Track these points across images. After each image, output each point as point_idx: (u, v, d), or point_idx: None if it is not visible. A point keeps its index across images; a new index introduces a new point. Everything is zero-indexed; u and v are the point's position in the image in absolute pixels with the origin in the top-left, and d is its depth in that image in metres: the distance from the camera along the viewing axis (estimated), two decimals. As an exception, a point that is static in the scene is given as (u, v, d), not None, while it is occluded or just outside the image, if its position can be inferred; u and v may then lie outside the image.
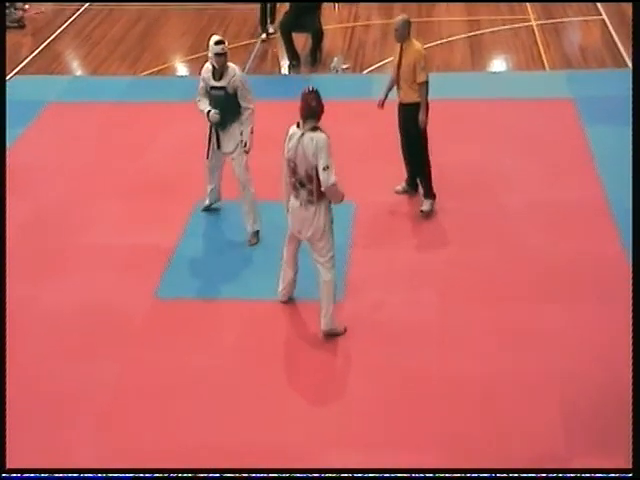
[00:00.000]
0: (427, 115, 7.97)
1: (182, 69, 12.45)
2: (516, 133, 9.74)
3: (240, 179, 7.85)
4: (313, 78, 11.73)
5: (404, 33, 7.88)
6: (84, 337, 6.99)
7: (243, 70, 11.85)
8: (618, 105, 10.08)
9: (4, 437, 5.09)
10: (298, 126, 6.43)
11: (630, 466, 4.74)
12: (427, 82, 7.96)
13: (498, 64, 12.01)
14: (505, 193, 8.62)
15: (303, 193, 6.46)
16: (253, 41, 12.79)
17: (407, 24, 7.88)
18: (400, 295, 7.29)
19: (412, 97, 7.98)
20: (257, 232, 8.00)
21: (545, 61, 11.70)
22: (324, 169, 6.27)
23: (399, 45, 7.99)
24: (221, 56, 7.53)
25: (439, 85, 10.69)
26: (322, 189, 6.35)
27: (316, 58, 11.97)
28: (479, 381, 6.35)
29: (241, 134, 7.73)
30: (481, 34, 12.68)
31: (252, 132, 7.74)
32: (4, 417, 5.26)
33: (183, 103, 10.73)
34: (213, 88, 7.70)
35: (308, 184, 6.41)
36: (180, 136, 9.98)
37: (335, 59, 11.91)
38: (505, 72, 11.77)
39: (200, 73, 7.85)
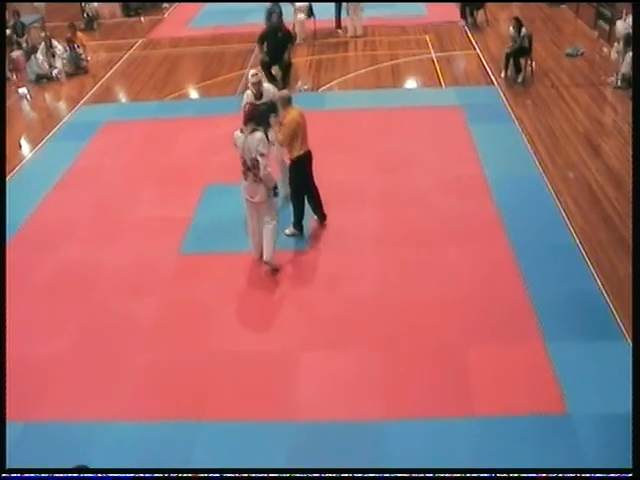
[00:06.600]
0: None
1: (194, 94, 11.92)
2: (424, 129, 9.47)
3: None
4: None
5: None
6: (133, 281, 6.73)
7: (235, 92, 11.49)
8: (489, 109, 9.98)
9: (4, 437, 4.01)
10: (241, 131, 6.14)
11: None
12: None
13: (410, 83, 11.64)
14: (419, 171, 8.37)
15: (250, 175, 6.19)
16: (243, 71, 12.19)
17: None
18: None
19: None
20: None
21: (442, 80, 11.37)
22: (261, 155, 5.99)
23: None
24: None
25: (372, 98, 10.61)
26: (260, 174, 6.06)
27: (286, 82, 11.48)
28: (382, 301, 6.19)
29: None
30: (398, 63, 12.30)
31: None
32: (4, 417, 4.22)
33: (195, 117, 10.51)
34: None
35: (253, 169, 6.13)
36: (193, 140, 9.65)
37: (300, 82, 11.54)
38: (415, 88, 11.42)
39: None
